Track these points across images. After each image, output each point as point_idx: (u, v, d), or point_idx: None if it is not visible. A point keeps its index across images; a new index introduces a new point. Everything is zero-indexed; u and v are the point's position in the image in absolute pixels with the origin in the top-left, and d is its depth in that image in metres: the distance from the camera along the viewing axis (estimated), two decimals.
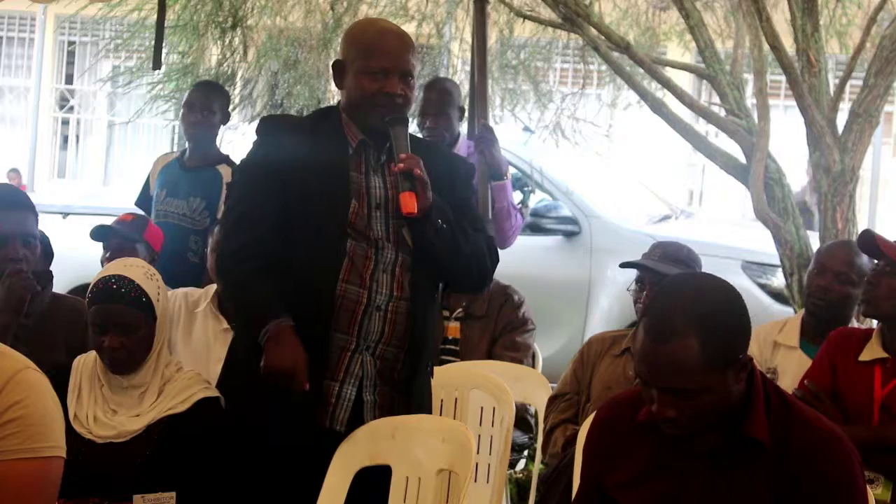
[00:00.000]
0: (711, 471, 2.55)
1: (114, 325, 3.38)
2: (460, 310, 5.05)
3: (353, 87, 3.37)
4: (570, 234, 7.46)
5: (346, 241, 3.31)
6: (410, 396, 3.42)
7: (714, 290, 2.56)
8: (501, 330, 5.04)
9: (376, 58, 3.34)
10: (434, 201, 3.31)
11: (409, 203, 3.29)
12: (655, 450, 2.59)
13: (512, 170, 5.94)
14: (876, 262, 3.89)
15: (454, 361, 4.91)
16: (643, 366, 2.51)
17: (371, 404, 3.37)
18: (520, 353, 4.98)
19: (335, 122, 3.41)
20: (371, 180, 3.37)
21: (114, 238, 4.78)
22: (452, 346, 5.01)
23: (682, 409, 2.48)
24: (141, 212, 5.49)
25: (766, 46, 6.02)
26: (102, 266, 4.60)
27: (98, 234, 4.84)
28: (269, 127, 3.46)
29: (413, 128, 6.39)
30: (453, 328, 5.03)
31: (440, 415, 4.07)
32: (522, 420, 4.85)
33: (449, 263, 3.39)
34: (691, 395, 2.47)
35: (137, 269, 3.46)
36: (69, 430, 3.30)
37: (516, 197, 5.99)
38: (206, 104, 5.60)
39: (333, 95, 8.20)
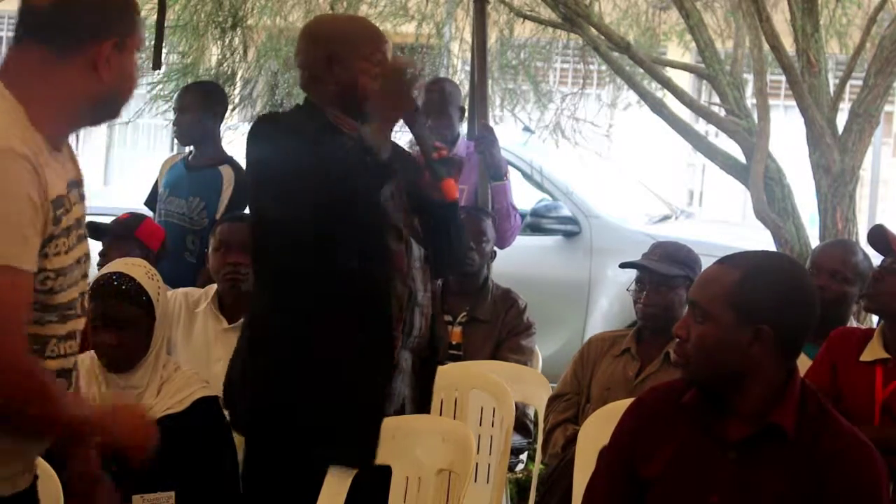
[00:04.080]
0: (739, 461, 2.59)
1: (113, 321, 3.38)
2: (464, 314, 5.04)
3: (352, 77, 3.33)
4: (570, 234, 7.45)
5: (387, 239, 3.30)
6: (429, 388, 3.46)
7: (789, 271, 2.68)
8: (507, 334, 5.04)
9: (374, 46, 3.34)
10: None
11: (454, 190, 3.32)
12: (688, 436, 2.64)
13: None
14: (883, 258, 3.87)
15: None
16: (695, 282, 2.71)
17: (410, 398, 3.40)
18: (524, 357, 4.99)
19: (324, 119, 3.36)
20: None
21: (105, 236, 4.79)
22: (455, 352, 5.01)
23: (690, 333, 2.59)
24: (143, 211, 5.50)
25: (766, 46, 6.02)
26: (99, 265, 4.61)
27: (91, 230, 4.84)
28: (270, 127, 3.36)
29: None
30: (456, 333, 5.02)
31: (440, 415, 4.07)
32: (521, 424, 4.85)
33: (457, 245, 3.45)
34: (702, 317, 2.58)
35: (139, 269, 3.48)
36: None
37: None
38: (182, 105, 5.68)
39: None
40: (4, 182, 2.02)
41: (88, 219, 4.94)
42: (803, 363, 4.06)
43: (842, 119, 5.85)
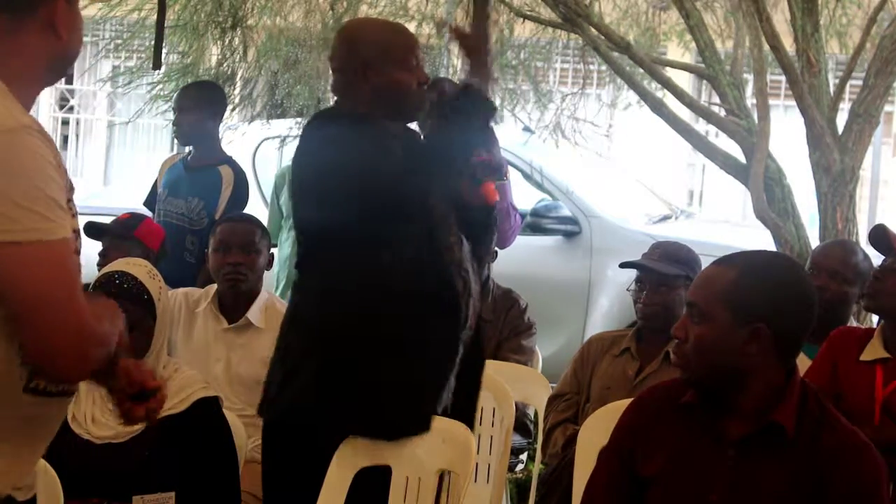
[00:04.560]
0: (739, 459, 2.60)
1: None
2: None
3: (386, 83, 3.36)
4: (570, 234, 7.45)
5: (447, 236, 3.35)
6: (479, 379, 3.49)
7: (786, 270, 2.67)
8: (508, 334, 5.04)
9: (409, 52, 3.40)
10: None
11: (493, 193, 3.37)
12: (687, 435, 2.65)
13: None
14: (884, 257, 3.87)
15: None
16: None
17: (455, 388, 3.42)
18: (525, 357, 4.99)
19: (366, 122, 3.38)
20: None
21: (105, 236, 4.79)
22: None
23: (688, 334, 2.60)
24: (143, 211, 5.50)
25: (766, 46, 6.02)
26: (99, 265, 4.61)
27: (90, 230, 4.85)
28: (329, 129, 3.39)
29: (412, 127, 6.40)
30: None
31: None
32: (521, 424, 4.85)
33: (487, 246, 3.48)
34: (699, 317, 2.59)
35: (140, 268, 3.48)
36: (68, 432, 3.30)
37: None
38: (184, 105, 5.67)
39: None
40: (31, 157, 2.03)
41: (88, 219, 4.98)
42: (803, 363, 4.06)
43: (842, 119, 5.85)
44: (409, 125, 3.50)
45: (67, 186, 2.10)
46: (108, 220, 4.94)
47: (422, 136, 3.49)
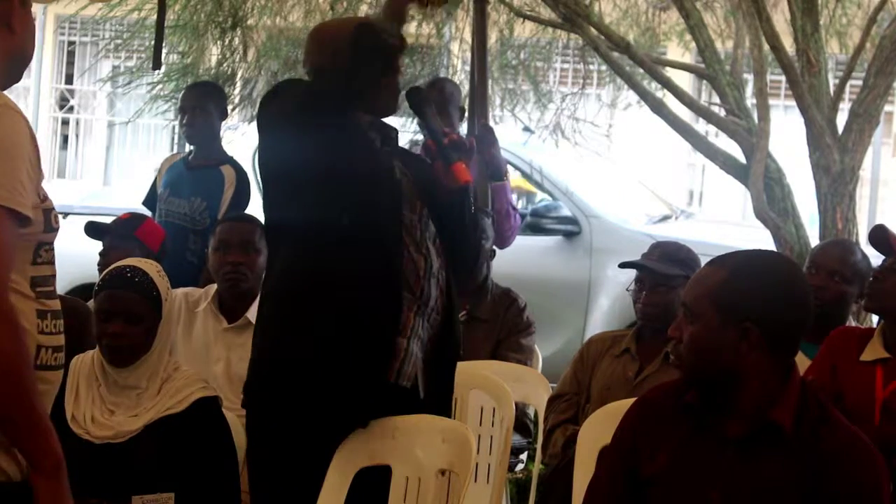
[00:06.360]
0: (739, 458, 2.60)
1: (121, 311, 3.39)
2: (464, 313, 5.04)
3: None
4: (570, 234, 7.46)
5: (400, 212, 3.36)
6: (450, 384, 3.47)
7: (776, 268, 2.67)
8: (507, 333, 5.04)
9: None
10: None
11: (465, 173, 3.38)
12: (689, 434, 2.65)
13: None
14: (884, 257, 3.87)
15: None
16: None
17: (423, 383, 3.39)
18: (524, 356, 4.98)
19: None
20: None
21: (105, 236, 4.80)
22: None
23: (682, 333, 2.63)
24: (142, 211, 5.50)
25: (766, 46, 6.03)
26: (99, 264, 4.61)
27: (91, 230, 4.85)
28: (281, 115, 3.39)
29: (413, 128, 6.41)
30: None
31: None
32: (521, 424, 4.85)
33: (471, 239, 3.49)
34: (691, 317, 2.61)
35: (151, 266, 3.52)
36: (67, 432, 3.30)
37: None
38: (198, 104, 5.64)
39: None
40: (12, 132, 2.07)
41: (88, 219, 4.98)
42: (803, 363, 4.06)
43: (842, 119, 5.85)
44: (384, 119, 3.51)
45: (39, 172, 2.13)
46: (108, 220, 4.94)
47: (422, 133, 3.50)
